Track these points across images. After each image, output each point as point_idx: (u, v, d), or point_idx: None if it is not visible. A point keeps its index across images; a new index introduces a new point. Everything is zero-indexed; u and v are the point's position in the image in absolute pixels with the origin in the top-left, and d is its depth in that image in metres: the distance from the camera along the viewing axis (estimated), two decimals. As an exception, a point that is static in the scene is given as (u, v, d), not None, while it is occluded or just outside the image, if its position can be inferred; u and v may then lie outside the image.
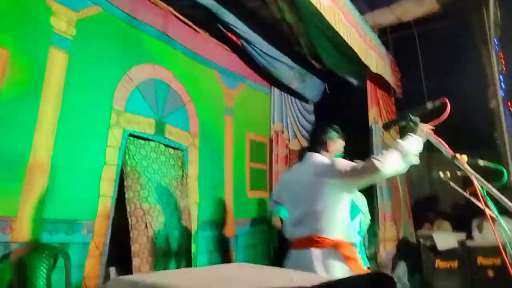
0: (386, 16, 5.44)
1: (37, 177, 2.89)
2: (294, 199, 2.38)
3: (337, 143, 2.52)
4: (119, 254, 3.56)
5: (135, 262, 3.37)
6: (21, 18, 2.90)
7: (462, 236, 4.79)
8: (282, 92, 6.03)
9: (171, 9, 4.19)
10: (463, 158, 1.42)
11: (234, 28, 4.37)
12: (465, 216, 5.50)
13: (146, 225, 3.51)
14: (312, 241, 2.14)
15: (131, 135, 3.64)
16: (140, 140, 3.76)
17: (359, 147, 5.74)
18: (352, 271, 2.01)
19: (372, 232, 4.62)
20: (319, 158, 2.40)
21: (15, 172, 2.78)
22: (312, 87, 6.10)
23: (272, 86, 5.92)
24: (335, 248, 2.11)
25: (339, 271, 2.04)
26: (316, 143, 2.51)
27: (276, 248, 5.32)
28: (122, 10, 3.68)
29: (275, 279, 0.96)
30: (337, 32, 3.75)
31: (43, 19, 3.06)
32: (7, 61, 2.79)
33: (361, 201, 3.71)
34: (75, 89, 3.21)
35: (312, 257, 2.10)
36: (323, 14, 3.44)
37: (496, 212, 1.62)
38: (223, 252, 4.55)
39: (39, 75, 2.99)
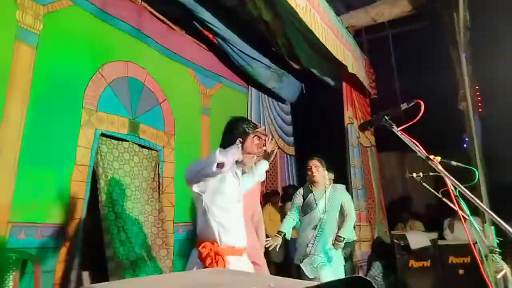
0: (362, 17, 5.52)
1: (3, 178, 2.75)
2: None
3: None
4: (93, 258, 3.45)
5: (110, 266, 3.26)
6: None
7: (434, 235, 4.90)
8: (259, 92, 6.00)
9: (145, 5, 4.08)
10: (436, 159, 1.42)
11: (211, 26, 4.31)
12: (437, 216, 5.65)
13: (118, 229, 3.39)
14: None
15: (103, 134, 3.52)
16: (113, 140, 3.64)
17: (335, 148, 5.84)
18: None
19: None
20: None
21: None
22: (289, 87, 6.12)
23: (249, 86, 5.88)
24: None
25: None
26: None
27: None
28: (93, 4, 3.55)
29: (249, 285, 0.92)
30: (313, 32, 3.76)
31: (7, 13, 2.90)
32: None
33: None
34: (43, 86, 3.06)
35: None
36: (298, 13, 3.44)
37: (468, 211, 1.64)
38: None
39: (4, 70, 2.84)
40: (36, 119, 2.98)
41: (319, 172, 3.58)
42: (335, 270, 3.33)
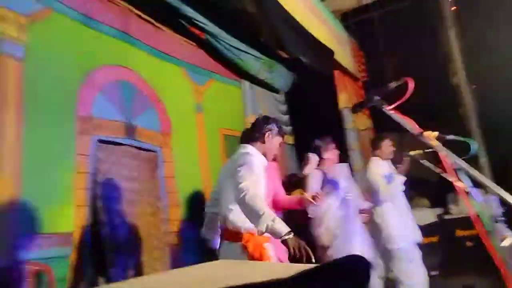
0: (347, 1, 5.48)
1: (8, 193, 2.74)
2: None
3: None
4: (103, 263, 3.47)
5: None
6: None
7: (439, 211, 4.93)
8: (252, 84, 5.98)
9: (130, 7, 4.04)
10: (433, 134, 1.42)
11: (197, 22, 4.28)
12: (442, 192, 5.68)
13: (114, 234, 3.39)
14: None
15: (99, 141, 3.51)
16: (109, 145, 3.63)
17: (332, 133, 5.84)
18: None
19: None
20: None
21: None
22: (281, 77, 6.10)
23: (242, 79, 5.86)
24: None
25: None
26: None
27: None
28: (76, 11, 3.51)
29: (255, 274, 0.93)
30: (295, 19, 3.74)
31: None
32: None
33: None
34: (36, 98, 3.04)
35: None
36: (280, 1, 3.41)
37: (469, 184, 1.64)
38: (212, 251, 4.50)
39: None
40: (33, 131, 2.96)
41: None
42: None
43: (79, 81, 3.45)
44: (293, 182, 5.43)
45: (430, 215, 4.80)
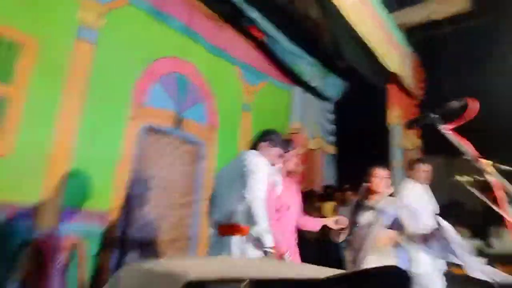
0: (415, 15, 5.30)
1: (60, 166, 2.98)
2: None
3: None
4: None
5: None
6: (48, 10, 2.99)
7: (479, 243, 4.68)
8: (303, 90, 5.99)
9: (196, 2, 4.20)
10: (486, 163, 1.38)
11: (258, 24, 4.36)
12: (483, 224, 5.38)
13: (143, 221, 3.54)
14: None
15: (148, 128, 3.69)
16: (156, 134, 3.80)
17: (377, 148, 5.71)
18: None
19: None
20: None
21: (38, 160, 2.86)
22: (333, 85, 6.06)
23: (294, 84, 5.89)
24: None
25: None
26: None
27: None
28: (148, 3, 3.73)
29: (295, 271, 0.96)
30: (359, 31, 3.71)
31: (70, 11, 3.13)
32: (35, 52, 2.87)
33: None
34: (99, 81, 3.28)
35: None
36: (347, 11, 3.41)
37: (519, 219, 1.57)
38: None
39: (65, 66, 3.07)
40: (92, 112, 3.20)
41: None
42: None
43: (140, 69, 3.67)
44: (327, 194, 5.38)
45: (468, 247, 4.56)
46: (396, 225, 3.11)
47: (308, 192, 5.64)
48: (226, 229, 2.29)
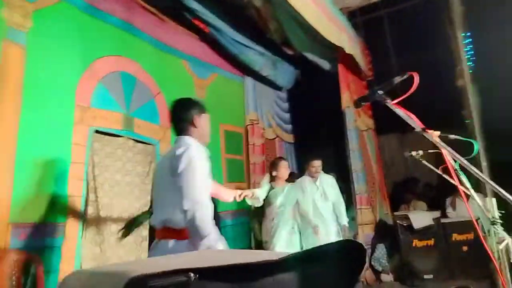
0: (354, -1, 5.43)
1: (1, 179, 2.73)
2: None
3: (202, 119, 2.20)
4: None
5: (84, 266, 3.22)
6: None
7: (437, 214, 4.91)
8: (255, 80, 5.95)
9: (135, -2, 4.02)
10: (435, 133, 1.39)
11: (201, 16, 4.25)
12: (439, 196, 5.66)
13: (98, 227, 3.38)
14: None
15: (97, 131, 3.49)
16: (106, 137, 3.61)
17: (333, 132, 5.81)
18: None
19: (350, 216, 4.66)
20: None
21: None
22: (284, 73, 6.06)
23: (245, 75, 5.83)
24: None
25: None
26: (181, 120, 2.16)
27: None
28: (81, 0, 3.50)
29: (245, 256, 0.92)
30: (304, 16, 3.71)
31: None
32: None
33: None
34: (35, 85, 3.03)
35: None
36: (289, -3, 3.38)
37: (469, 185, 1.61)
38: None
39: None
40: (30, 118, 2.95)
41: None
42: None
43: (80, 70, 3.44)
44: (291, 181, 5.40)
45: (427, 218, 4.77)
46: None
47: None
48: (163, 233, 1.99)
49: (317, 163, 4.19)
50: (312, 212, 4.06)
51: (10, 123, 2.84)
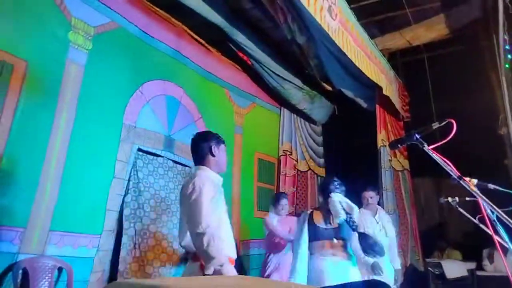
0: (396, 41, 5.48)
1: (49, 187, 2.91)
2: None
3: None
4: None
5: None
6: (40, 31, 2.99)
7: (472, 265, 4.67)
8: (292, 112, 6.05)
9: (185, 27, 4.28)
10: (472, 182, 1.39)
11: (245, 48, 4.44)
12: (476, 246, 5.38)
13: (134, 246, 3.42)
14: None
15: (140, 150, 3.67)
16: (148, 155, 3.77)
17: (367, 170, 5.73)
18: None
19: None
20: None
21: (28, 183, 2.80)
22: (321, 108, 6.13)
23: (282, 107, 5.95)
24: None
25: None
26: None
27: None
28: (137, 27, 3.78)
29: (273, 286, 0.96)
30: (346, 54, 3.79)
31: (61, 33, 3.14)
32: (25, 73, 2.86)
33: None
34: (89, 102, 3.26)
35: None
36: (331, 35, 3.49)
37: (507, 238, 1.57)
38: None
39: (55, 87, 3.06)
40: (81, 133, 3.17)
41: None
42: None
43: (130, 91, 3.68)
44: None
45: (461, 269, 4.55)
46: None
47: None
48: (186, 254, 2.19)
49: (369, 194, 3.89)
50: None
51: (64, 135, 3.06)
